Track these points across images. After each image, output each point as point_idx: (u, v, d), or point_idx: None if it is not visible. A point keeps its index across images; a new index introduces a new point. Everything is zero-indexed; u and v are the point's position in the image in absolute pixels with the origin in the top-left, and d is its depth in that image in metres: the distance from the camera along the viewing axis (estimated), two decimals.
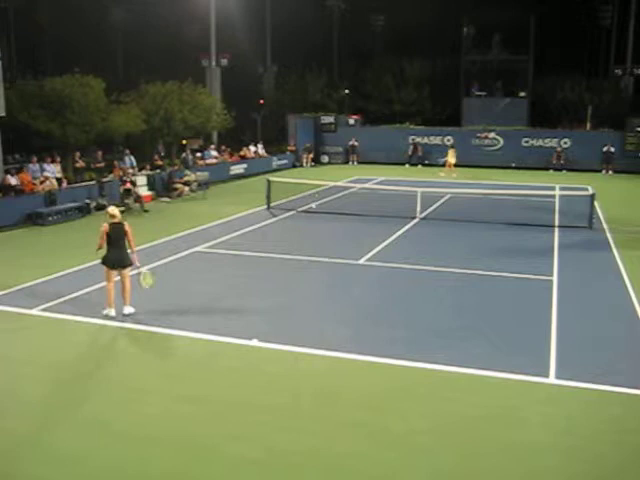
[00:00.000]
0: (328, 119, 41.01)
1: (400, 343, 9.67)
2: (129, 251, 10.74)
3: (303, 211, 21.47)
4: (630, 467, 6.59)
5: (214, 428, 7.15)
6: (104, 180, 22.96)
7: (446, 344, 9.69)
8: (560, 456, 6.69)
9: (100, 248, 10.68)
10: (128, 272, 10.75)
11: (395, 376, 8.60)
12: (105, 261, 10.68)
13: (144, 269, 10.97)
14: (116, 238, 10.58)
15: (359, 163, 39.32)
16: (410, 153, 38.67)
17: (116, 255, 10.62)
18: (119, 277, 10.73)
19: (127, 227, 10.71)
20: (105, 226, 10.57)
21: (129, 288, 10.73)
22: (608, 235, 17.91)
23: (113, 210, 10.84)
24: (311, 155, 39.30)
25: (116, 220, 10.64)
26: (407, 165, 38.11)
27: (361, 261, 14.62)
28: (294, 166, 38.14)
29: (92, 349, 9.64)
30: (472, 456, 6.66)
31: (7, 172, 20.99)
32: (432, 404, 7.81)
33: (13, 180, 20.58)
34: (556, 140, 37.23)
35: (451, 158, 34.30)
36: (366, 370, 8.75)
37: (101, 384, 8.31)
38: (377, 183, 28.54)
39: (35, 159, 22.56)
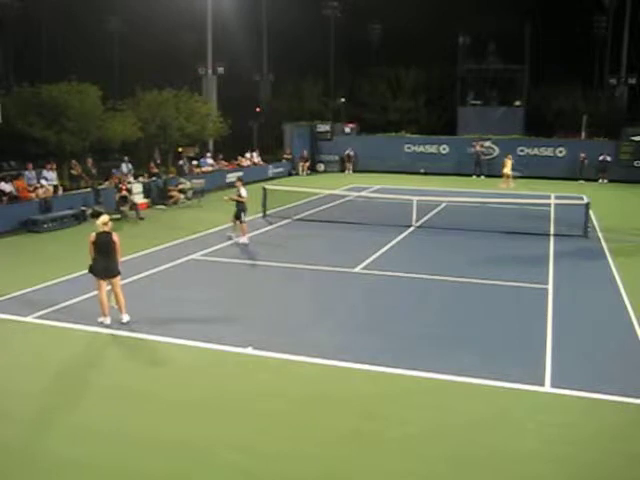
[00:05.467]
0: (324, 127, 41.11)
1: (395, 351, 9.67)
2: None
3: (299, 219, 21.49)
4: (622, 475, 6.60)
5: (209, 435, 7.13)
6: (100, 187, 22.95)
7: (441, 352, 9.70)
8: (553, 464, 6.69)
9: (93, 259, 10.56)
10: (118, 281, 10.72)
11: (390, 384, 8.60)
12: (92, 270, 10.57)
13: None
14: (102, 247, 10.48)
15: (355, 171, 39.38)
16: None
17: (102, 264, 10.52)
18: (110, 287, 10.68)
19: (115, 237, 10.59)
20: (92, 236, 10.49)
21: (122, 297, 10.69)
22: (603, 244, 17.96)
23: (100, 219, 10.70)
24: (307, 163, 39.36)
25: (103, 229, 10.55)
26: (474, 176, 37.31)
27: (356, 269, 14.62)
28: (290, 174, 38.19)
29: (87, 356, 9.61)
30: (466, 463, 6.66)
31: (2, 179, 20.95)
32: (426, 411, 7.81)
33: (7, 187, 20.52)
34: (551, 149, 37.41)
35: (507, 169, 33.17)
36: (361, 378, 8.74)
37: (97, 390, 8.28)
38: (373, 191, 28.59)
39: (31, 166, 22.55)
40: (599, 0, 48.57)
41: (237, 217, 17.46)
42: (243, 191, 17.70)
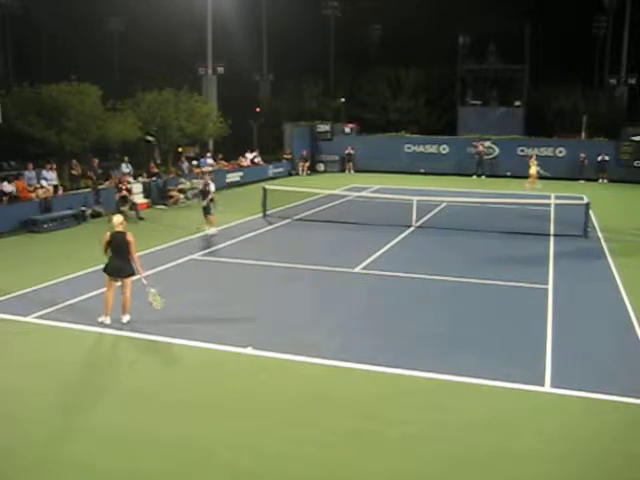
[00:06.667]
0: (324, 127, 41.08)
1: (395, 351, 9.67)
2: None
3: (299, 219, 21.48)
4: (622, 475, 6.60)
5: (209, 435, 7.13)
6: (100, 187, 22.97)
7: (441, 352, 9.70)
8: (550, 463, 6.70)
9: (105, 252, 10.65)
10: (129, 282, 10.73)
11: (390, 384, 8.61)
12: (105, 269, 10.68)
13: (152, 290, 10.77)
14: (116, 247, 10.55)
15: (355, 171, 39.38)
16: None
17: (115, 264, 10.59)
18: (120, 283, 10.71)
19: (129, 237, 10.62)
20: (107, 235, 10.60)
21: (129, 298, 10.69)
22: (603, 244, 17.96)
23: (115, 219, 10.81)
24: (307, 163, 39.35)
25: (118, 229, 10.63)
26: (474, 177, 37.41)
27: (356, 269, 14.63)
28: (290, 174, 38.18)
29: (87, 356, 9.60)
30: (466, 463, 6.67)
31: (4, 179, 20.96)
32: (426, 411, 7.81)
33: (8, 187, 20.53)
34: (551, 149, 37.40)
35: (532, 169, 32.79)
36: (361, 378, 8.75)
37: (96, 390, 8.29)
38: (373, 191, 28.58)
39: (31, 166, 22.56)
40: (599, 0, 48.58)
41: (206, 211, 18.54)
42: (212, 186, 18.95)
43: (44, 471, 6.49)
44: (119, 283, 10.71)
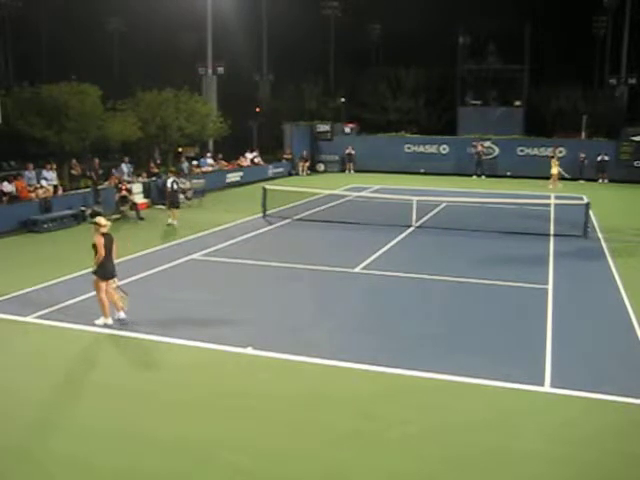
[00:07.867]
0: (324, 127, 41.05)
1: (395, 351, 9.67)
2: None
3: (299, 219, 21.48)
4: (622, 475, 6.60)
5: (208, 435, 7.13)
6: (100, 187, 22.96)
7: (441, 352, 9.70)
8: (550, 463, 6.69)
9: (102, 262, 10.46)
10: (113, 282, 10.77)
11: (390, 384, 8.60)
12: (101, 272, 10.53)
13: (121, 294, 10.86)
14: (110, 249, 10.61)
15: (355, 171, 39.38)
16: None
17: (111, 265, 10.64)
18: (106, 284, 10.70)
19: (114, 237, 10.80)
20: (102, 239, 10.50)
21: (117, 296, 10.74)
22: (603, 244, 17.95)
23: (103, 220, 10.79)
24: (307, 163, 39.34)
25: (106, 230, 10.63)
26: (474, 176, 37.32)
27: (356, 269, 14.62)
28: (290, 174, 38.18)
29: (87, 356, 9.61)
30: (465, 463, 6.66)
31: (4, 179, 20.96)
32: (426, 411, 7.81)
33: (8, 187, 20.53)
34: (551, 149, 37.37)
35: (554, 169, 32.67)
36: (361, 378, 8.74)
37: (97, 390, 8.28)
38: (373, 191, 28.57)
39: (31, 166, 22.56)
40: (599, 0, 48.60)
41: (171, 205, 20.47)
42: (169, 182, 20.76)
43: (43, 469, 6.48)
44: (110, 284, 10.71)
